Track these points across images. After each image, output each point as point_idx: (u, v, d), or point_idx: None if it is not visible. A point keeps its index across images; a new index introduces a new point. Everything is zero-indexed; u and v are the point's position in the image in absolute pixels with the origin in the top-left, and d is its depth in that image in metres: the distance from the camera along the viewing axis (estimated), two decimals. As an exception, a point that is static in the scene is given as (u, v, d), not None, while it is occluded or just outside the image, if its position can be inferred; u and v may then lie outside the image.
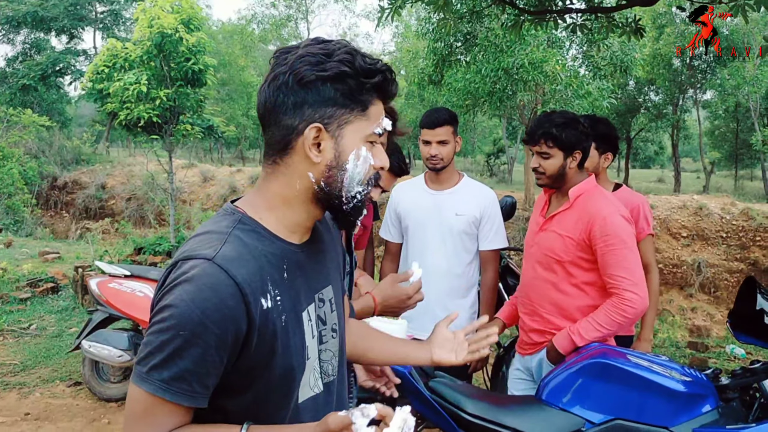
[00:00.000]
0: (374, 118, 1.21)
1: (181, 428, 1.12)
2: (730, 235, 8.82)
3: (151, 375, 1.08)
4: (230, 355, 1.11)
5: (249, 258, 1.14)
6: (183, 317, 1.06)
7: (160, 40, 7.84)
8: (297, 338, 1.20)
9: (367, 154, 1.21)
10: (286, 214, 1.23)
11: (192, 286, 1.07)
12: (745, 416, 2.68)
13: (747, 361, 6.11)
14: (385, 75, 1.19)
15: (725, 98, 22.23)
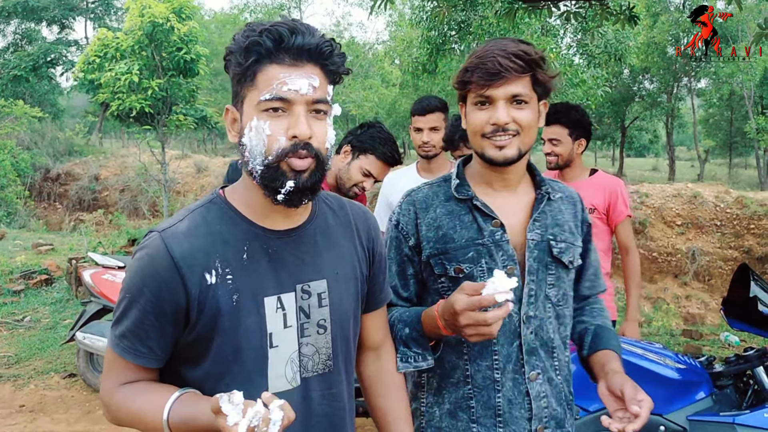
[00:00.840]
0: (263, 85, 1.15)
1: (137, 383, 1.22)
2: (725, 223, 8.85)
3: (111, 331, 1.23)
4: (174, 323, 1.18)
5: (200, 234, 1.20)
6: (129, 282, 1.20)
7: (151, 29, 7.79)
8: (251, 321, 1.20)
9: (258, 124, 1.16)
10: (247, 196, 1.26)
11: (139, 255, 1.20)
12: (739, 403, 2.70)
13: (741, 349, 6.15)
14: (261, 36, 1.14)
15: (720, 86, 22.24)
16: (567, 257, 1.59)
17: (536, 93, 1.52)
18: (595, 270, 1.76)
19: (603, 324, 1.70)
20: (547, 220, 1.59)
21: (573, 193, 1.72)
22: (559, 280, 1.59)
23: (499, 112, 1.48)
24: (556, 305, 1.59)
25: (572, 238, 1.62)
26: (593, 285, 1.76)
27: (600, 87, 11.41)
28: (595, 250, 1.75)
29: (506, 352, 1.54)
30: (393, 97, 27.37)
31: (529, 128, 1.52)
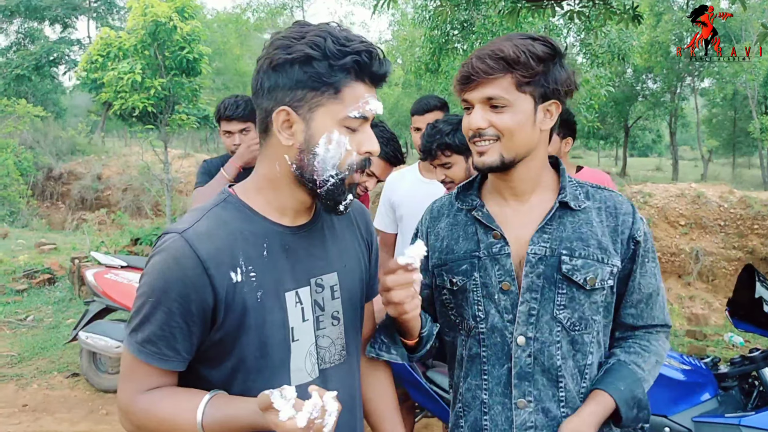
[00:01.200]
0: (350, 101, 1.19)
1: (161, 388, 1.20)
2: (728, 223, 8.82)
3: (131, 337, 1.19)
4: (201, 324, 1.18)
5: (222, 233, 1.20)
6: (151, 285, 1.17)
7: (154, 28, 7.79)
8: (275, 316, 1.23)
9: (340, 138, 1.19)
10: (272, 196, 1.27)
11: (161, 257, 1.17)
12: (744, 404, 2.68)
13: (745, 350, 6.13)
14: (360, 56, 1.17)
15: (723, 86, 22.20)
16: (581, 276, 1.39)
17: (527, 93, 1.37)
18: (646, 298, 1.48)
19: (626, 360, 1.45)
20: (563, 233, 1.42)
21: (620, 203, 1.46)
22: (573, 301, 1.40)
23: (473, 116, 1.40)
24: (570, 329, 1.41)
25: (600, 254, 1.41)
26: (640, 315, 1.49)
27: (603, 86, 11.38)
28: (652, 275, 1.47)
29: (497, 374, 1.43)
30: (396, 96, 27.35)
31: (512, 133, 1.37)
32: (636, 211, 1.47)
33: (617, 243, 1.43)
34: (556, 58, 1.38)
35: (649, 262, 1.47)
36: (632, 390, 1.39)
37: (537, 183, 1.47)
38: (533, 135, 1.40)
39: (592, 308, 1.42)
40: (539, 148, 1.45)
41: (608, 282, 1.41)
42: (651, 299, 1.49)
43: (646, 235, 1.46)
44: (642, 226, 1.45)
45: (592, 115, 11.13)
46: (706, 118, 28.98)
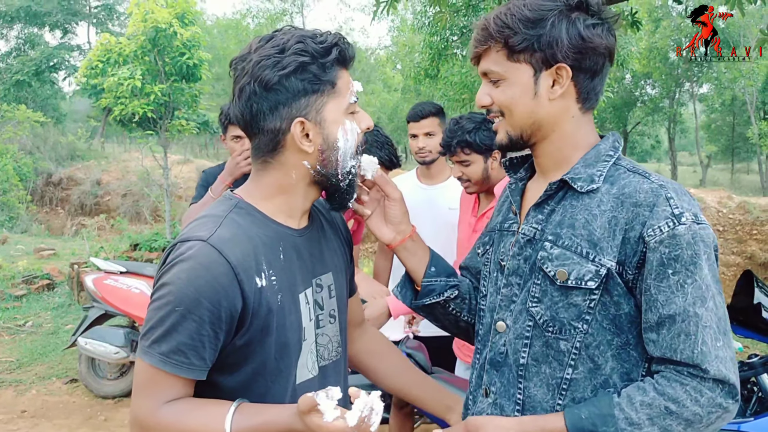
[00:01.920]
0: (345, 89, 1.24)
1: (181, 400, 1.18)
2: (727, 228, 8.84)
3: (153, 348, 1.15)
4: (227, 331, 1.17)
5: (243, 239, 1.20)
6: (179, 294, 1.13)
7: (154, 34, 7.80)
8: (293, 317, 1.25)
9: (352, 125, 1.25)
10: (284, 201, 1.28)
11: (187, 265, 1.14)
12: (743, 410, 2.68)
13: (744, 355, 6.13)
14: (339, 46, 1.21)
15: (722, 91, 22.26)
16: (552, 267, 1.20)
17: (523, 62, 1.22)
18: (667, 321, 1.13)
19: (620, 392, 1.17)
20: (557, 216, 1.24)
21: (639, 192, 1.17)
22: (546, 296, 1.22)
23: (479, 91, 1.30)
24: (544, 328, 1.22)
25: (585, 248, 1.18)
26: (659, 343, 1.14)
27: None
28: (679, 294, 1.12)
29: (482, 356, 1.37)
30: (395, 102, 27.40)
31: (509, 108, 1.25)
32: (663, 205, 1.14)
33: (616, 239, 1.16)
34: (559, 16, 1.19)
35: (675, 276, 1.12)
36: (595, 424, 1.12)
37: (564, 160, 1.28)
38: (538, 108, 1.24)
39: (570, 311, 1.19)
40: (561, 122, 1.26)
41: (588, 283, 1.17)
42: (674, 324, 1.12)
43: (674, 240, 1.12)
44: (666, 225, 1.12)
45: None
46: (704, 124, 29.05)
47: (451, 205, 3.12)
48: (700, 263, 1.13)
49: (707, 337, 1.11)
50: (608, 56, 1.24)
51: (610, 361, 1.19)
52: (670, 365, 1.14)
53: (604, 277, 1.16)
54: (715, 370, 1.10)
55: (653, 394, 1.12)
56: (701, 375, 1.11)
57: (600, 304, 1.18)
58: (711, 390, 1.11)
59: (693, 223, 1.13)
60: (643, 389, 1.14)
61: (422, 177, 3.27)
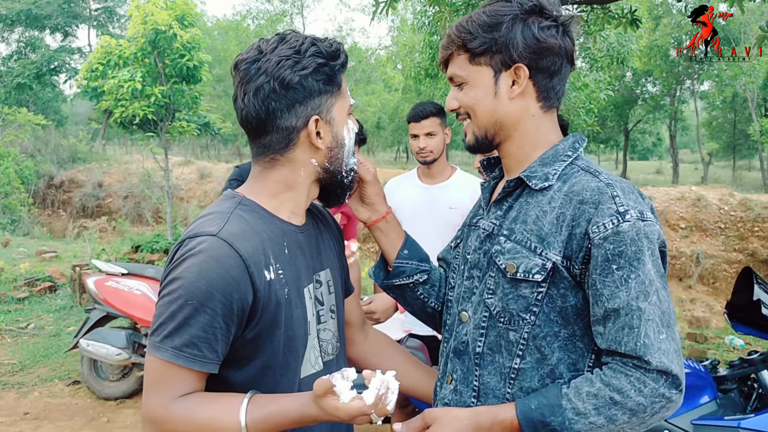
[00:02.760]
0: (346, 92, 1.33)
1: (193, 394, 1.19)
2: (729, 226, 8.82)
3: (165, 343, 1.16)
4: (238, 324, 1.19)
5: (251, 233, 1.22)
6: (191, 288, 1.14)
7: (154, 36, 7.82)
8: (299, 311, 1.28)
9: (351, 125, 1.34)
10: (290, 197, 1.32)
11: (198, 259, 1.16)
12: (743, 407, 2.68)
13: (745, 352, 6.12)
14: (343, 51, 1.30)
15: (723, 89, 22.22)
16: (503, 260, 1.26)
17: (484, 65, 1.29)
18: (612, 315, 1.16)
19: (568, 383, 1.20)
20: (513, 212, 1.30)
21: (586, 190, 1.21)
22: (499, 288, 1.27)
23: (448, 96, 1.38)
24: (497, 319, 1.27)
25: (534, 242, 1.23)
26: (604, 335, 1.18)
27: (603, 90, 11.42)
28: (623, 288, 1.15)
29: (449, 345, 1.41)
30: (396, 101, 27.40)
31: (472, 109, 1.32)
32: (608, 203, 1.18)
33: (561, 235, 1.20)
34: (514, 20, 1.26)
35: (619, 271, 1.16)
36: (543, 414, 1.15)
37: (525, 159, 1.33)
38: (498, 107, 1.30)
39: (519, 303, 1.24)
40: (521, 121, 1.31)
41: (535, 276, 1.21)
42: (618, 318, 1.16)
43: (618, 236, 1.16)
44: (609, 222, 1.16)
45: (592, 119, 11.15)
46: (705, 121, 29.00)
47: (452, 204, 3.12)
48: (644, 259, 1.16)
49: (650, 331, 1.15)
50: (566, 57, 1.29)
51: (557, 351, 1.24)
52: (616, 356, 1.18)
53: (551, 270, 1.21)
54: (657, 362, 1.14)
55: (599, 384, 1.16)
56: (644, 366, 1.14)
57: (547, 296, 1.22)
58: (654, 381, 1.14)
59: (637, 220, 1.17)
60: (590, 380, 1.18)
61: (423, 176, 3.28)
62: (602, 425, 1.15)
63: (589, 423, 1.15)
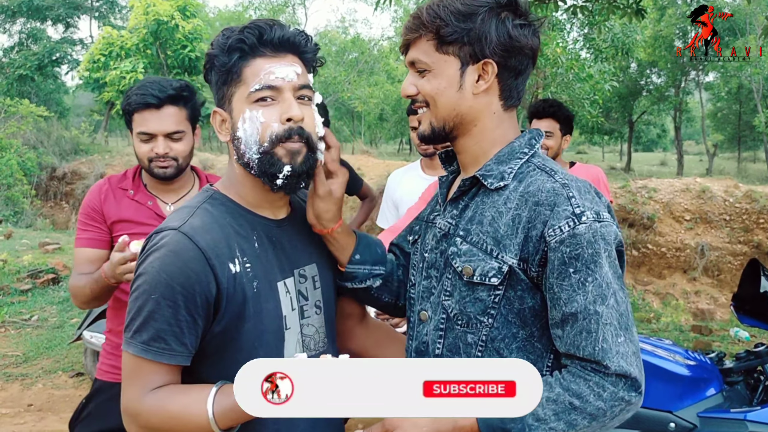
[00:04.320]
0: (251, 78, 1.23)
1: (166, 386, 1.20)
2: (734, 217, 8.78)
3: (134, 338, 1.19)
4: (205, 317, 1.20)
5: (215, 227, 1.23)
6: (152, 282, 1.17)
7: (155, 27, 7.80)
8: (271, 305, 1.27)
9: (252, 114, 1.23)
10: (241, 190, 1.32)
11: (160, 254, 1.19)
12: (749, 399, 2.67)
13: (751, 344, 6.10)
14: (243, 33, 1.22)
15: (728, 80, 22.10)
16: (460, 263, 1.23)
17: (450, 54, 1.23)
18: (570, 319, 1.15)
19: None
20: (469, 212, 1.26)
21: (541, 191, 1.18)
22: (456, 290, 1.24)
23: (404, 81, 1.29)
24: (455, 321, 1.25)
25: (490, 245, 1.20)
26: (563, 339, 1.17)
27: (607, 81, 11.33)
28: (580, 292, 1.14)
29: (411, 346, 1.38)
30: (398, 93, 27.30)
31: (433, 99, 1.25)
32: (563, 205, 1.15)
33: (518, 237, 1.18)
34: (489, 13, 1.21)
35: (576, 275, 1.14)
36: (504, 421, 1.12)
37: (482, 156, 1.29)
38: (461, 101, 1.25)
39: (477, 306, 1.21)
40: (482, 117, 1.27)
41: (492, 279, 1.19)
42: (576, 322, 1.14)
43: (575, 239, 1.13)
44: (565, 225, 1.14)
45: (596, 111, 11.09)
46: (711, 113, 28.85)
47: None
48: (600, 261, 1.14)
49: (608, 335, 1.14)
50: (532, 57, 1.28)
51: (515, 352, 1.22)
52: (576, 360, 1.16)
53: (507, 273, 1.19)
54: (615, 366, 1.13)
55: (558, 389, 1.14)
56: (603, 371, 1.13)
57: (504, 299, 1.20)
58: (613, 385, 1.13)
59: (594, 221, 1.15)
60: (549, 385, 1.15)
61: (426, 168, 3.27)
62: (563, 430, 1.13)
63: (549, 429, 1.13)
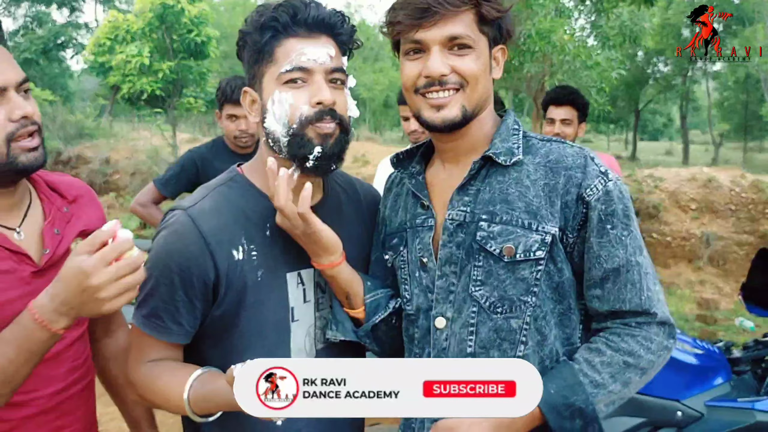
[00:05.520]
0: (283, 59, 1.19)
1: (163, 362, 1.22)
2: (740, 207, 8.75)
3: (137, 311, 1.22)
4: (203, 300, 1.20)
5: (225, 212, 1.22)
6: (155, 260, 1.20)
7: (161, 11, 7.76)
8: (275, 295, 1.24)
9: (281, 96, 1.19)
10: (265, 175, 1.25)
11: (166, 233, 1.21)
12: (757, 389, 2.66)
13: (756, 334, 6.10)
14: (276, 12, 1.19)
15: (735, 69, 21.94)
16: (496, 245, 1.17)
17: (484, 35, 1.18)
18: (612, 275, 1.16)
19: (577, 358, 1.18)
20: (486, 194, 1.20)
21: (566, 156, 1.19)
22: (491, 276, 1.18)
23: (432, 59, 1.16)
24: (490, 311, 1.18)
25: (526, 219, 1.16)
26: (606, 297, 1.18)
27: (614, 69, 11.24)
28: (619, 246, 1.16)
29: (425, 357, 1.27)
30: (404, 80, 27.10)
31: (476, 80, 1.18)
32: (591, 165, 1.18)
33: (555, 205, 1.16)
34: None
35: (614, 230, 1.16)
36: (566, 396, 1.11)
37: (484, 139, 1.25)
38: (489, 84, 1.22)
39: (519, 286, 1.17)
40: (490, 101, 1.26)
41: (537, 253, 1.16)
42: (619, 276, 1.16)
43: (608, 196, 1.16)
44: (599, 183, 1.16)
45: (603, 99, 11.01)
46: (717, 102, 28.70)
47: None
48: (631, 215, 1.18)
49: (650, 283, 1.18)
50: None
51: (554, 329, 1.20)
52: (616, 320, 1.18)
53: (550, 244, 1.17)
54: (660, 313, 1.17)
55: (610, 352, 1.16)
56: (649, 320, 1.16)
57: (545, 273, 1.18)
58: (657, 334, 1.17)
59: (616, 179, 1.18)
60: (598, 350, 1.17)
61: None
62: (618, 391, 1.15)
63: (608, 392, 1.14)
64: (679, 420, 2.45)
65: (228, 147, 3.22)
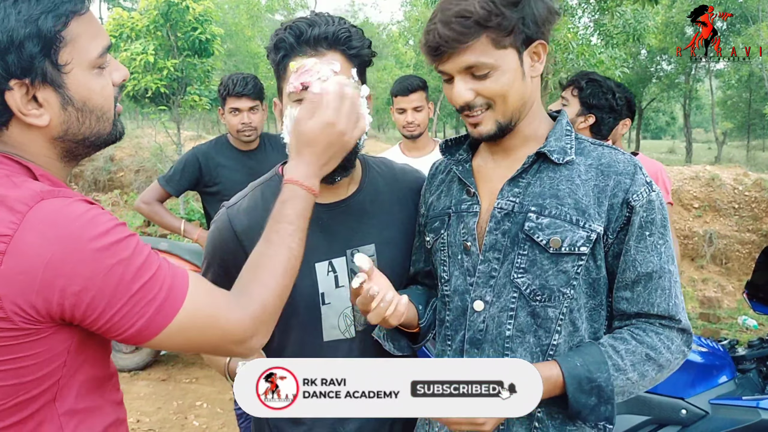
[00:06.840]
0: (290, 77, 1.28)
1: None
2: (743, 206, 8.75)
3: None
4: None
5: (259, 210, 1.38)
6: (206, 249, 1.45)
7: (166, 9, 7.76)
8: (304, 283, 1.36)
9: (290, 111, 1.30)
10: None
11: (213, 227, 1.44)
12: (762, 387, 2.68)
13: (759, 333, 6.11)
14: (284, 33, 1.28)
15: (738, 67, 21.90)
16: (544, 236, 1.22)
17: (508, 47, 1.19)
18: (644, 279, 1.24)
19: (602, 342, 1.25)
20: (538, 188, 1.26)
21: (617, 162, 1.26)
22: (535, 265, 1.24)
23: (456, 89, 1.22)
24: (531, 298, 1.25)
25: (575, 215, 1.22)
26: (635, 299, 1.26)
27: (618, 68, 11.24)
28: (654, 253, 1.24)
29: (458, 339, 1.33)
30: (407, 77, 27.05)
31: (503, 97, 1.22)
32: (639, 173, 1.24)
33: (602, 206, 1.23)
34: None
35: (651, 237, 1.23)
36: (590, 371, 1.19)
37: (535, 134, 1.32)
38: (525, 89, 1.25)
39: (560, 278, 1.23)
40: (535, 97, 1.29)
41: (581, 248, 1.22)
42: (650, 281, 1.24)
43: (650, 204, 1.23)
44: (644, 191, 1.23)
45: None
46: (720, 100, 28.63)
47: None
48: (668, 226, 1.27)
49: (678, 291, 1.27)
50: None
51: (585, 323, 1.28)
52: (641, 318, 1.27)
53: (593, 242, 1.23)
54: (684, 321, 1.27)
55: (634, 342, 1.24)
56: (673, 325, 1.26)
57: (584, 269, 1.24)
58: (677, 339, 1.26)
59: (658, 191, 1.26)
60: (623, 338, 1.25)
61: (407, 150, 3.32)
62: (635, 381, 1.23)
63: (626, 379, 1.21)
64: (683, 418, 2.47)
65: (231, 144, 3.23)
